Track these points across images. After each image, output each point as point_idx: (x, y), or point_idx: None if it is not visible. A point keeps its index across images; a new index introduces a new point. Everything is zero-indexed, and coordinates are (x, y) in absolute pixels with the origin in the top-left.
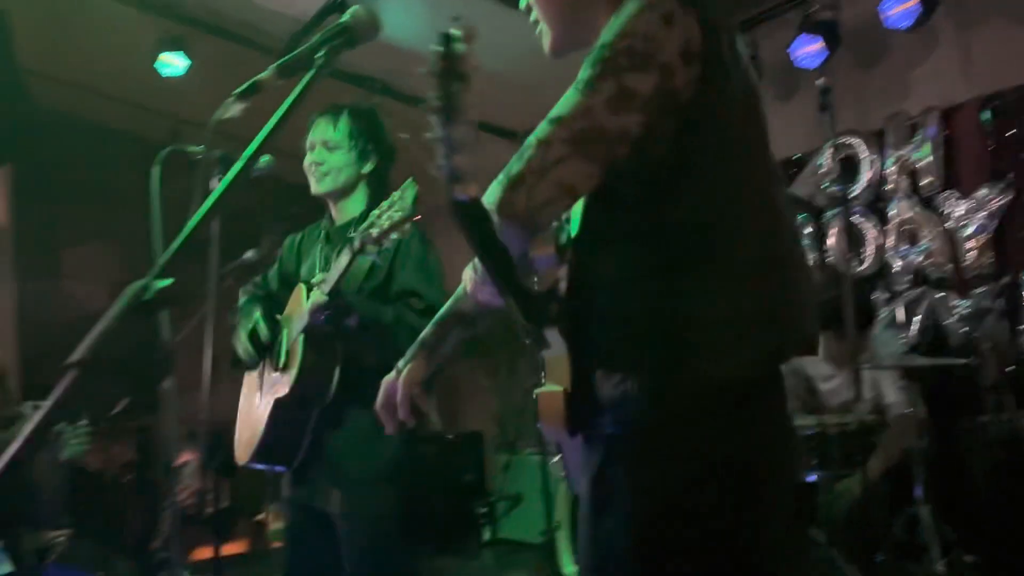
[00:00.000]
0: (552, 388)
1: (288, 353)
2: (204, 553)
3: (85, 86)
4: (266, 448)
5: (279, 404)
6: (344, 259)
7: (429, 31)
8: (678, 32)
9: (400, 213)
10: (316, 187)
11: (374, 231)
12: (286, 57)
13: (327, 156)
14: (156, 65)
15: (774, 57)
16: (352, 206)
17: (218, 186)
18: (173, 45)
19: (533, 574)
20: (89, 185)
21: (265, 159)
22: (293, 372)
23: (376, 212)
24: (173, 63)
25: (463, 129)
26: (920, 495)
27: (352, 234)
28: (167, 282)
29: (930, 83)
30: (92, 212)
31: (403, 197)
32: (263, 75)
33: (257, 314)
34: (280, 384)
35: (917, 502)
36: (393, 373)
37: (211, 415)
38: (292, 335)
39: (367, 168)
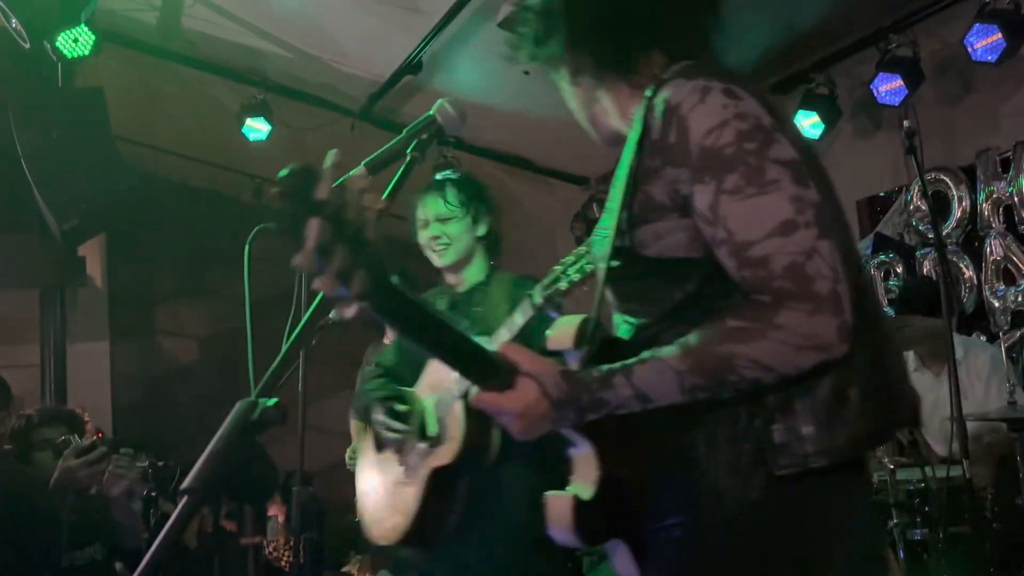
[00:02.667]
0: (561, 493)
1: (440, 422)
2: None
3: (174, 151)
4: (420, 527)
5: (438, 475)
6: (520, 318)
7: (501, 85)
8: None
9: (586, 268)
10: (440, 260)
11: (562, 285)
12: (376, 154)
13: (444, 229)
14: (243, 130)
15: (855, 93)
16: (473, 272)
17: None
18: (257, 111)
19: None
20: (180, 244)
21: None
22: (456, 441)
23: (560, 268)
24: (257, 128)
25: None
26: None
27: (533, 291)
28: (273, 401)
29: (1020, 116)
30: (182, 269)
31: (589, 252)
32: (353, 172)
33: (393, 392)
34: (434, 455)
35: None
36: None
37: (301, 471)
38: (445, 403)
39: (481, 231)
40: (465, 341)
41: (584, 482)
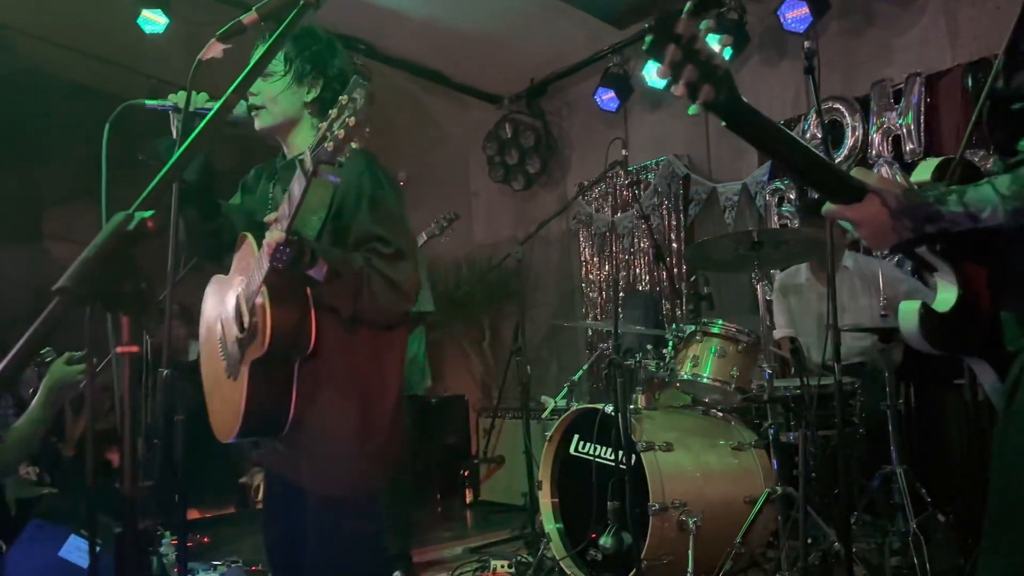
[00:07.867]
0: (914, 302)
1: (252, 312)
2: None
3: (64, 44)
4: (251, 418)
5: (256, 366)
6: (297, 188)
7: None
8: None
9: (354, 117)
10: (257, 124)
11: (328, 144)
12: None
13: (261, 86)
14: (139, 22)
15: (765, 21)
16: (300, 141)
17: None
18: (154, 2)
19: (515, 532)
20: (69, 145)
21: (243, 107)
22: (267, 329)
23: (325, 123)
24: (154, 20)
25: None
26: (895, 456)
27: (302, 156)
28: (150, 213)
29: (915, 50)
30: (72, 172)
31: (354, 99)
32: (246, 16)
33: None
34: (252, 347)
35: (893, 462)
36: None
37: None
38: (252, 293)
39: (310, 96)
40: (817, 157)
41: (944, 299)
